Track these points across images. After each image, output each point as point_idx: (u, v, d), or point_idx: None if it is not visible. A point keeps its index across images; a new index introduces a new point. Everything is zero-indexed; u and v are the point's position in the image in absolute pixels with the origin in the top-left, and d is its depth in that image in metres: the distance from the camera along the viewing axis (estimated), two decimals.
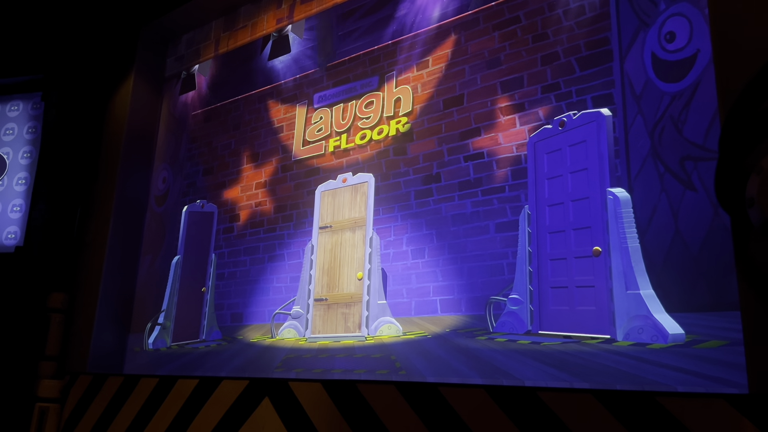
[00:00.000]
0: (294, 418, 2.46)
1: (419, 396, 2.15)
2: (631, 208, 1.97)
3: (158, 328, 3.39)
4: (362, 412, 2.27)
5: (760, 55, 1.63)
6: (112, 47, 3.93)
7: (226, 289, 3.19)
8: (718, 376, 1.67)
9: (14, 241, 3.70)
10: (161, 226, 3.64)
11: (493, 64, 2.46)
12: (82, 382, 3.31)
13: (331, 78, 3.06)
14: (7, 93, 3.97)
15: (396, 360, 2.40)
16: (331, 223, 2.82)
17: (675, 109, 1.94)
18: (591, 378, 1.90)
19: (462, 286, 2.34)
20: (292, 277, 2.91)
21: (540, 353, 2.05)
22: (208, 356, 3.08)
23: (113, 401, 3.14)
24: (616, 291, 1.94)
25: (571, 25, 2.27)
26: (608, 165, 2.05)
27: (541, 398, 1.88)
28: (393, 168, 2.68)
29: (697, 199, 1.84)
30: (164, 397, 2.94)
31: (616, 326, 1.92)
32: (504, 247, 2.27)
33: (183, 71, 3.87)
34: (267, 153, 3.24)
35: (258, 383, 2.63)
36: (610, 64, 2.13)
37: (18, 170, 3.83)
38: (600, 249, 2.02)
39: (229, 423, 2.65)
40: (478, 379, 2.13)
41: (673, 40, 2.00)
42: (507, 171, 2.32)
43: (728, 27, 1.78)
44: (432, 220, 2.48)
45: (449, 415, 2.05)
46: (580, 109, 2.17)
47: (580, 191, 2.11)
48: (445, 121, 2.56)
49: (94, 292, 3.46)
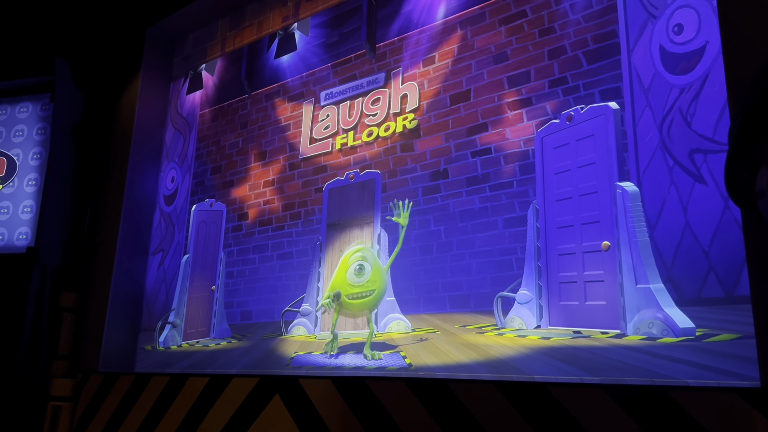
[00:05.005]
0: (304, 415, 2.47)
1: (429, 392, 2.15)
2: (640, 202, 1.96)
3: (168, 326, 3.41)
4: (372, 408, 2.27)
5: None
6: (119, 47, 3.95)
7: (235, 287, 3.20)
8: (730, 370, 1.67)
9: (25, 241, 3.73)
10: (170, 225, 3.66)
11: (500, 59, 2.46)
12: (94, 380, 3.34)
13: (338, 75, 3.06)
14: (16, 94, 4.00)
15: (405, 356, 2.40)
16: (339, 221, 2.83)
17: (684, 102, 1.93)
18: (601, 373, 1.89)
19: (470, 282, 2.34)
20: (300, 275, 2.92)
21: (550, 348, 2.05)
22: (218, 354, 3.10)
23: (125, 399, 3.16)
24: (626, 285, 1.94)
25: (577, 18, 2.26)
26: (617, 159, 2.04)
27: (551, 393, 1.87)
28: (400, 164, 2.68)
29: (707, 193, 1.83)
30: (175, 395, 2.96)
31: (626, 321, 1.92)
32: (512, 243, 2.26)
33: (190, 70, 3.88)
34: (274, 151, 3.25)
35: (268, 381, 2.64)
36: (618, 57, 2.12)
37: (28, 171, 3.86)
38: (609, 243, 2.01)
39: (240, 420, 2.67)
40: (487, 375, 2.13)
41: (681, 32, 1.98)
42: (515, 166, 2.32)
43: (737, 18, 1.77)
44: (440, 216, 2.48)
45: (459, 411, 2.05)
46: (587, 103, 2.16)
47: (588, 186, 2.10)
48: (452, 116, 2.55)
49: (104, 291, 3.48)
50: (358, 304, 2.57)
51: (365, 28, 2.99)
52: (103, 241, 3.60)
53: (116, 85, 3.91)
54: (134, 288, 3.61)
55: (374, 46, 2.93)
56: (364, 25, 3.00)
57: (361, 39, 2.99)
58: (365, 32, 2.98)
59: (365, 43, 2.97)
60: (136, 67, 3.84)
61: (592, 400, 1.79)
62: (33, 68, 3.90)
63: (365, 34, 2.98)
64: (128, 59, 3.90)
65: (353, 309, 2.60)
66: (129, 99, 3.81)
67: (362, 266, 2.51)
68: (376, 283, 2.56)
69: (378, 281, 2.56)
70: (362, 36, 2.99)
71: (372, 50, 2.93)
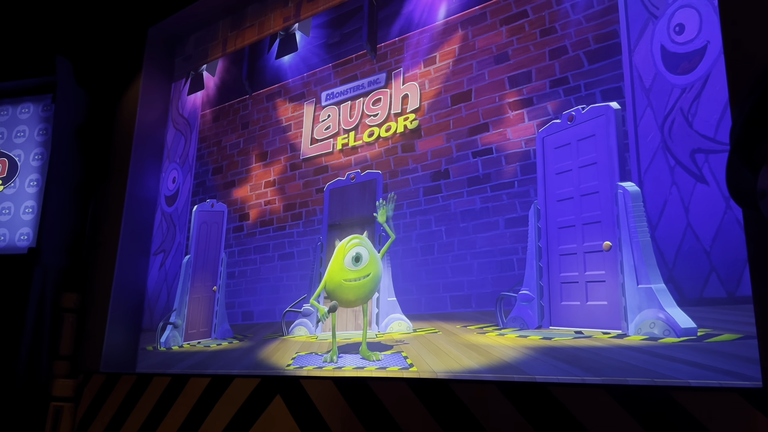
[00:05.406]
0: (306, 415, 2.47)
1: (430, 392, 2.15)
2: (641, 202, 1.95)
3: (170, 327, 3.42)
4: (374, 408, 2.27)
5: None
6: (120, 48, 3.95)
7: (236, 287, 3.20)
8: (732, 370, 1.66)
9: (27, 242, 3.74)
10: (172, 226, 3.66)
11: (501, 59, 2.45)
12: (95, 381, 3.34)
13: (339, 76, 3.06)
14: (18, 95, 4.00)
15: (407, 357, 2.40)
16: (340, 221, 2.83)
17: (685, 102, 1.93)
18: (603, 373, 1.89)
19: (472, 282, 2.34)
20: (301, 275, 2.92)
21: (551, 349, 2.05)
22: (219, 355, 3.10)
23: (126, 400, 3.17)
24: (628, 285, 1.93)
25: (579, 18, 2.26)
26: (618, 159, 2.04)
27: (552, 394, 1.87)
28: (401, 165, 2.68)
29: (709, 193, 1.83)
30: (177, 396, 2.96)
31: (628, 321, 1.91)
32: (514, 243, 2.26)
33: (191, 71, 3.89)
34: (275, 152, 3.25)
35: (269, 381, 2.64)
36: (619, 57, 2.12)
37: (30, 172, 3.86)
38: (610, 243, 2.01)
39: (242, 421, 2.67)
40: (489, 375, 2.13)
41: (683, 32, 1.98)
42: (516, 166, 2.32)
43: (738, 18, 1.77)
44: (441, 217, 2.48)
45: (460, 411, 2.05)
46: (589, 103, 2.16)
47: (589, 186, 2.10)
48: (453, 117, 2.55)
49: (106, 291, 3.48)
50: (354, 286, 2.57)
51: (366, 29, 2.99)
52: (104, 242, 3.60)
53: (117, 86, 3.91)
54: (135, 288, 3.62)
55: (375, 47, 2.93)
56: (365, 25, 3.00)
57: (362, 39, 2.99)
58: (366, 32, 2.98)
59: (366, 43, 2.97)
60: (138, 67, 3.85)
61: (593, 400, 1.79)
62: (35, 69, 3.90)
63: (366, 35, 2.98)
64: (129, 60, 3.91)
65: (350, 295, 2.60)
66: (130, 99, 3.81)
67: (359, 254, 2.52)
68: (372, 268, 2.57)
69: (374, 267, 2.56)
70: (363, 36, 2.99)
71: (373, 50, 2.93)
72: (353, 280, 2.58)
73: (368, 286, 2.56)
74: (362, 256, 2.54)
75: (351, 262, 2.59)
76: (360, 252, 2.55)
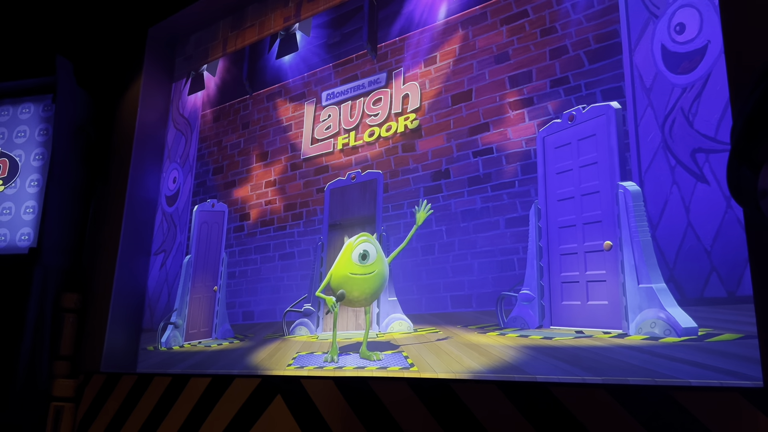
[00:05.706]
0: (306, 415, 2.47)
1: (431, 392, 2.15)
2: (642, 202, 1.95)
3: (171, 327, 3.42)
4: (374, 408, 2.27)
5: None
6: (120, 48, 3.96)
7: (237, 287, 3.21)
8: (732, 370, 1.66)
9: (27, 242, 3.74)
10: (172, 226, 3.66)
11: (502, 59, 2.45)
12: (96, 381, 3.34)
13: (339, 75, 3.06)
14: (18, 95, 4.01)
15: (407, 356, 2.40)
16: (340, 221, 2.83)
17: (685, 102, 1.93)
18: (603, 373, 1.89)
19: (472, 282, 2.34)
20: (302, 275, 2.92)
21: (552, 348, 2.05)
22: (220, 355, 3.10)
23: (127, 400, 3.17)
24: (628, 285, 1.93)
25: (579, 18, 2.26)
26: (618, 158, 2.04)
27: (553, 393, 1.87)
28: (402, 164, 2.68)
29: (709, 192, 1.83)
30: (177, 396, 2.96)
31: (629, 320, 1.91)
32: (514, 243, 2.26)
33: (191, 71, 3.89)
34: (276, 151, 3.25)
35: (270, 381, 2.64)
36: (620, 56, 2.12)
37: (30, 172, 3.86)
38: (611, 243, 2.00)
39: (242, 421, 2.67)
40: (489, 375, 2.13)
41: (683, 32, 1.98)
42: (516, 166, 2.31)
43: (739, 17, 1.77)
44: (441, 216, 2.48)
45: (461, 411, 2.05)
46: (589, 103, 2.16)
47: (590, 185, 2.10)
48: (453, 116, 2.55)
49: (106, 291, 3.48)
50: (360, 279, 2.57)
51: (366, 29, 2.99)
52: (105, 242, 3.61)
53: (118, 86, 3.91)
54: (136, 288, 3.62)
55: (375, 47, 2.93)
56: (365, 25, 3.00)
57: (363, 39, 2.99)
58: (366, 32, 2.98)
59: (366, 43, 2.97)
60: (138, 67, 3.85)
61: (594, 400, 1.79)
62: (35, 69, 3.90)
63: (366, 35, 2.98)
64: (130, 60, 3.91)
65: (355, 288, 2.59)
66: (131, 99, 3.82)
67: (367, 251, 2.53)
68: (378, 266, 2.57)
69: (380, 266, 2.57)
70: (363, 36, 2.99)
71: (373, 50, 2.93)
72: (359, 274, 2.59)
73: (373, 282, 2.56)
74: (369, 253, 2.55)
75: (358, 258, 2.59)
76: (367, 249, 2.56)
